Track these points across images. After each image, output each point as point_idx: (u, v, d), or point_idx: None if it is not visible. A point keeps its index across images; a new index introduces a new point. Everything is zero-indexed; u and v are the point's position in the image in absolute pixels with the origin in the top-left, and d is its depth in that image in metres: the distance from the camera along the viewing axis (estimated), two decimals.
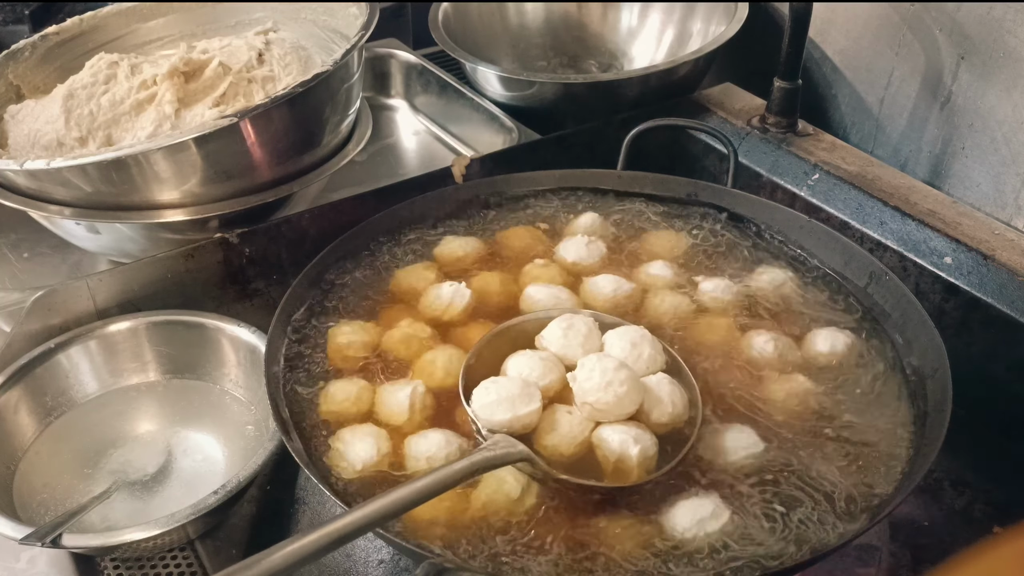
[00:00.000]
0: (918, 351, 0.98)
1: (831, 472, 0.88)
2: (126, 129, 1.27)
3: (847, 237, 1.12)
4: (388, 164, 1.67)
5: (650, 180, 1.23)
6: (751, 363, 1.00)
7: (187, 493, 1.02)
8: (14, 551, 1.00)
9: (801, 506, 0.85)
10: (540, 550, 0.82)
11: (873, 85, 1.49)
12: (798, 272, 1.12)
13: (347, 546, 0.98)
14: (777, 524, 0.84)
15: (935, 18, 1.35)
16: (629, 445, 0.86)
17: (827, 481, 0.88)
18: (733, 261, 1.14)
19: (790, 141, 1.43)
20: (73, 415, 1.13)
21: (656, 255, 1.15)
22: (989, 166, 1.33)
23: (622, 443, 0.87)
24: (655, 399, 0.91)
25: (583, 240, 1.14)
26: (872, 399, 0.96)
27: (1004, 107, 1.29)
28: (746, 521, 0.84)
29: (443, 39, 1.61)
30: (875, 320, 1.05)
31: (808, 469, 0.89)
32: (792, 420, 0.94)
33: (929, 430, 0.90)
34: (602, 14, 1.81)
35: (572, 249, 1.14)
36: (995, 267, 1.17)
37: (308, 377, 0.98)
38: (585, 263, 1.13)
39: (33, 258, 1.42)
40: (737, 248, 1.16)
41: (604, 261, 1.14)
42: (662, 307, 1.06)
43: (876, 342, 1.03)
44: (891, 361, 1.00)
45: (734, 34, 1.53)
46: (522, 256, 1.15)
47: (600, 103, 1.51)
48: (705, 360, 1.00)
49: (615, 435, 0.88)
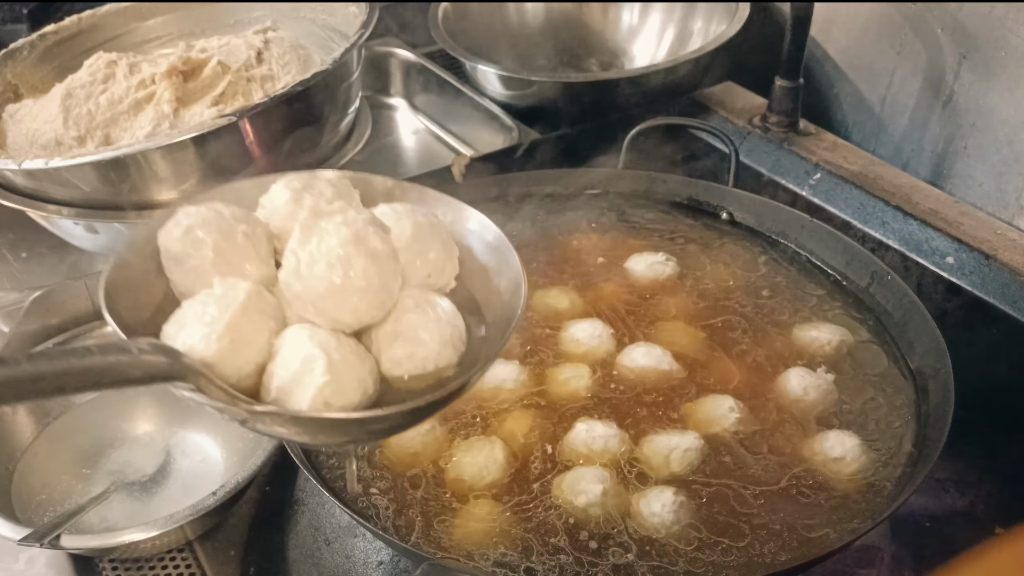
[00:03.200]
0: (920, 351, 0.98)
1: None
2: (124, 128, 1.26)
3: (849, 237, 1.12)
4: (387, 163, 1.67)
5: (650, 179, 1.23)
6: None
7: (186, 494, 1.02)
8: (13, 552, 1.00)
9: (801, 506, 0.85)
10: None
11: (875, 84, 1.49)
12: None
13: (347, 547, 0.98)
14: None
15: (937, 17, 1.35)
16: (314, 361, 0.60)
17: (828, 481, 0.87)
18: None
19: (791, 140, 1.43)
20: (71, 416, 1.12)
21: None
22: (991, 165, 1.33)
23: (306, 358, 0.61)
24: (410, 330, 0.64)
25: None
26: (874, 399, 0.96)
27: (1006, 106, 1.29)
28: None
29: (443, 38, 1.61)
30: (877, 320, 1.05)
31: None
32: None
33: (931, 431, 0.90)
34: (603, 13, 1.80)
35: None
36: (997, 267, 1.17)
37: None
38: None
39: (31, 258, 1.42)
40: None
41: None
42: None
43: (877, 342, 1.02)
44: (893, 361, 1.00)
45: (735, 33, 1.53)
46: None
47: (600, 102, 1.50)
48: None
49: (304, 342, 0.62)
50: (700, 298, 1.09)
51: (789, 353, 1.01)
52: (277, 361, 0.62)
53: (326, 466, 0.90)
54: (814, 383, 0.96)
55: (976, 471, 1.10)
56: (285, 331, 0.63)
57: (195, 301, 0.63)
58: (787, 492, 0.87)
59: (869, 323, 1.04)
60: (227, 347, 0.60)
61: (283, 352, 0.62)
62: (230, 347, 0.61)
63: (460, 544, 0.83)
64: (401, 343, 0.64)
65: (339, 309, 0.63)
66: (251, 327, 0.62)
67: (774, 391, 0.97)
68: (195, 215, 0.66)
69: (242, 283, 0.63)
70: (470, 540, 0.83)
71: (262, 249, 0.67)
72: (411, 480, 0.88)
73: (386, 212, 0.69)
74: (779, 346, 1.02)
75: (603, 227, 1.19)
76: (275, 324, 0.64)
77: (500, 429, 0.92)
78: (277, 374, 0.61)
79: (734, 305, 1.08)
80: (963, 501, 1.09)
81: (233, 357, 0.61)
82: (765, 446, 0.91)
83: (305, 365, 0.60)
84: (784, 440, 0.92)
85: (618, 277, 1.12)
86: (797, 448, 0.91)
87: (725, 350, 1.01)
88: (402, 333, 0.64)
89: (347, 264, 0.61)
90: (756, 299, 1.08)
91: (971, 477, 1.10)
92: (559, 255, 1.16)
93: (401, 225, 0.67)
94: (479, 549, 0.82)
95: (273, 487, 1.06)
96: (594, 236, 1.17)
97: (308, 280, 0.62)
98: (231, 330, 0.61)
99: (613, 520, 0.84)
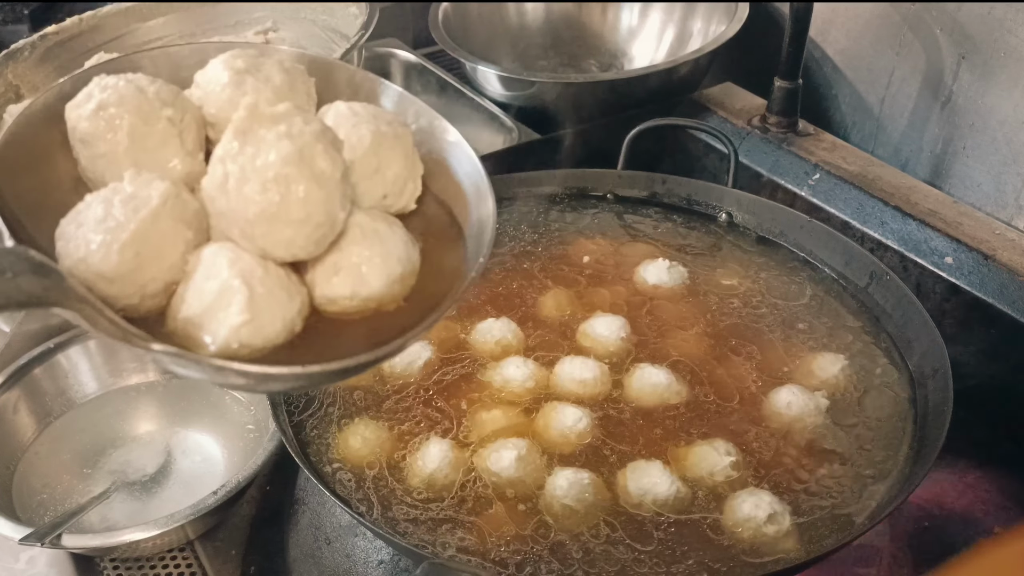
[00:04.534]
0: (919, 351, 0.98)
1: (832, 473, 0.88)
2: None
3: (848, 237, 1.12)
4: None
5: (650, 180, 1.23)
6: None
7: (186, 493, 1.02)
8: (14, 551, 1.00)
9: (801, 506, 0.85)
10: None
11: (874, 85, 1.49)
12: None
13: (347, 546, 0.98)
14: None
15: (936, 18, 1.35)
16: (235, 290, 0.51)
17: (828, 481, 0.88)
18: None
19: (791, 141, 1.43)
20: (72, 415, 1.13)
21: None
22: (990, 166, 1.33)
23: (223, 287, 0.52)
24: (353, 265, 0.55)
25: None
26: (873, 399, 0.96)
27: (1005, 107, 1.29)
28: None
29: (443, 38, 1.61)
30: (876, 320, 1.05)
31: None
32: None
33: (930, 431, 0.90)
34: (602, 13, 1.80)
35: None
36: (996, 267, 1.17)
37: None
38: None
39: None
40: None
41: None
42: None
43: (877, 342, 1.02)
44: (892, 361, 1.00)
45: (735, 34, 1.53)
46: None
47: (600, 103, 1.50)
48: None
49: (223, 269, 0.52)
50: (700, 302, 1.09)
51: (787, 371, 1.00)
52: (189, 285, 0.52)
53: (327, 466, 0.90)
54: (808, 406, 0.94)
55: (975, 471, 1.10)
56: (204, 248, 0.53)
57: (99, 197, 0.53)
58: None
59: (869, 325, 1.05)
60: (131, 260, 0.51)
61: (198, 275, 0.52)
62: (134, 261, 0.51)
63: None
64: (341, 279, 0.54)
65: (270, 239, 0.52)
66: (163, 238, 0.52)
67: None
68: (112, 89, 0.55)
69: (158, 181, 0.53)
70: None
71: (189, 140, 0.56)
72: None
73: (343, 114, 0.58)
74: (776, 360, 1.02)
75: (602, 228, 1.19)
76: (193, 235, 0.53)
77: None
78: (188, 301, 0.52)
79: (734, 309, 1.08)
80: (962, 501, 1.09)
81: (137, 274, 0.51)
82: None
83: (222, 297, 0.51)
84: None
85: (618, 281, 1.12)
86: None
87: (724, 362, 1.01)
88: (343, 268, 0.54)
89: (285, 188, 0.51)
90: (754, 308, 1.08)
91: (970, 477, 1.10)
92: (559, 255, 1.16)
93: (359, 132, 0.57)
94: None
95: (274, 487, 1.06)
96: (594, 237, 1.18)
97: (236, 200, 0.52)
98: (137, 240, 0.51)
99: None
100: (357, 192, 0.56)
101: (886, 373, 0.99)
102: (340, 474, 0.89)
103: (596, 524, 0.84)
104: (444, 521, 0.85)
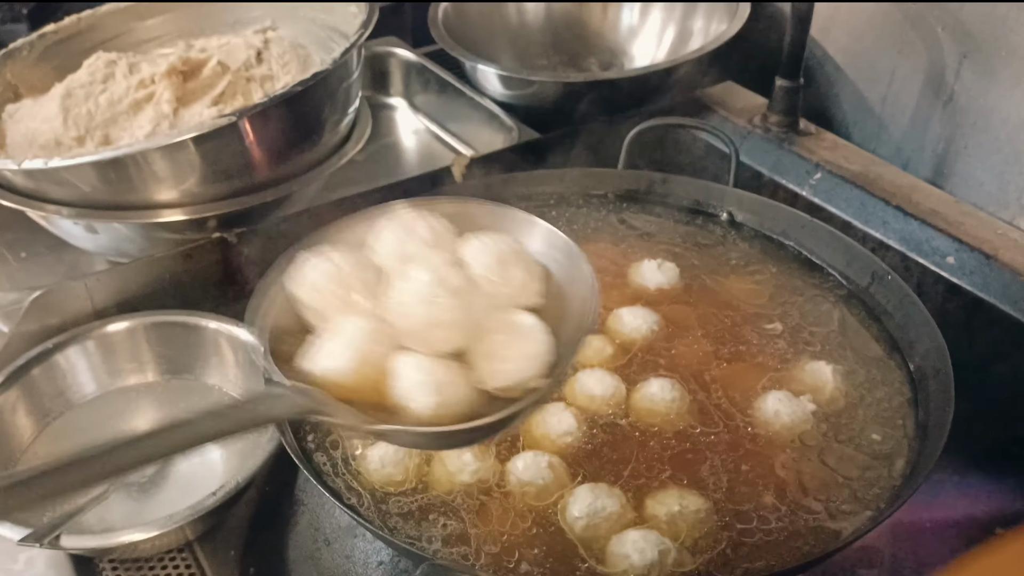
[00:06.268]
0: (920, 352, 0.98)
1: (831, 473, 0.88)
2: (124, 128, 1.26)
3: (849, 237, 1.12)
4: (387, 163, 1.67)
5: (650, 179, 1.23)
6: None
7: (185, 494, 1.01)
8: (12, 552, 1.00)
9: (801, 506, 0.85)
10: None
11: (875, 84, 1.49)
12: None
13: (347, 547, 0.98)
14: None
15: (938, 16, 1.35)
16: (425, 388, 0.70)
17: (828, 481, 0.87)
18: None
19: (792, 140, 1.43)
20: (71, 416, 1.12)
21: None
22: (992, 165, 1.33)
23: (418, 384, 0.70)
24: (496, 350, 0.72)
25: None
26: (874, 399, 0.96)
27: (1007, 105, 1.28)
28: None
29: (443, 37, 1.61)
30: (877, 320, 1.04)
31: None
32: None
33: (932, 431, 0.90)
34: (603, 12, 1.80)
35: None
36: (998, 267, 1.16)
37: None
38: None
39: (30, 258, 1.42)
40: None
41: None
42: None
43: (878, 342, 1.02)
44: (894, 361, 1.00)
45: (736, 33, 1.53)
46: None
47: (601, 102, 1.50)
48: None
49: (412, 371, 0.71)
50: (700, 302, 1.09)
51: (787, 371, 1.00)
52: (393, 383, 0.71)
53: (326, 466, 0.90)
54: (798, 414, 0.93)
55: (976, 472, 1.10)
56: (397, 357, 0.72)
57: (322, 337, 0.73)
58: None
59: (870, 325, 1.04)
60: (355, 369, 0.70)
61: (398, 375, 0.71)
62: (357, 370, 0.70)
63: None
64: (490, 361, 0.72)
65: (434, 340, 0.72)
66: (371, 353, 0.71)
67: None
68: (318, 270, 0.75)
69: (360, 320, 0.73)
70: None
71: (376, 290, 0.75)
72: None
73: (475, 245, 0.77)
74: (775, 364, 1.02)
75: (602, 228, 1.19)
76: (386, 349, 0.72)
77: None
78: (394, 394, 0.70)
79: (735, 311, 1.08)
80: (964, 501, 1.08)
81: (357, 379, 0.70)
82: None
83: (417, 388, 0.69)
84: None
85: (618, 282, 1.12)
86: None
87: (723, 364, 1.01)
88: (490, 353, 0.72)
89: (433, 302, 0.71)
90: (754, 308, 1.08)
91: (972, 478, 1.10)
92: None
93: (488, 255, 0.76)
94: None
95: (273, 487, 1.06)
96: (594, 236, 1.17)
97: (406, 318, 0.72)
98: (356, 357, 0.70)
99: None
100: (492, 298, 0.74)
101: (887, 373, 0.99)
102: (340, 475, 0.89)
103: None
104: (444, 521, 0.85)
